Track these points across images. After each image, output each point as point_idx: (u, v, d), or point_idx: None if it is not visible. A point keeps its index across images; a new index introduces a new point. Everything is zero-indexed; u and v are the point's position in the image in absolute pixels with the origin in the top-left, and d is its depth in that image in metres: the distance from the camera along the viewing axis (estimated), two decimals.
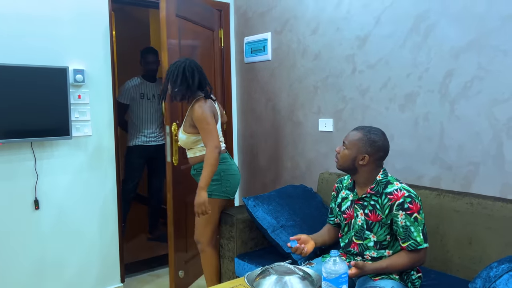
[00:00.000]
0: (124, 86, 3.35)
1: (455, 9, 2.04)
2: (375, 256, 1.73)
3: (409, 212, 1.63)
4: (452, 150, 2.11)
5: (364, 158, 1.70)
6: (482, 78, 1.97)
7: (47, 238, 2.44)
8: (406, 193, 1.66)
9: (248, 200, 2.27)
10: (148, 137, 3.43)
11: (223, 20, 3.32)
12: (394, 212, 1.66)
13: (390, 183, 1.71)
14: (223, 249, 2.39)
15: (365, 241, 1.74)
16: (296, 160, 2.97)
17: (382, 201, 1.70)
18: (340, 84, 2.61)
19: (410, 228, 1.62)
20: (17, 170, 2.32)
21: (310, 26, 2.76)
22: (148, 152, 3.46)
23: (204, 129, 2.19)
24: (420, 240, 1.62)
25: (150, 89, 3.43)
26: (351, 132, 1.76)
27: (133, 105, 3.38)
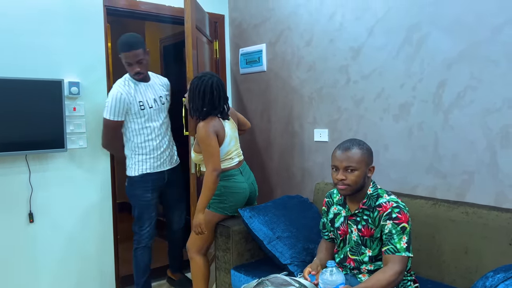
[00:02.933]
0: (115, 96, 2.42)
1: (446, 20, 2.07)
2: (372, 269, 1.73)
3: (397, 221, 1.64)
4: (446, 159, 2.12)
5: (371, 169, 1.73)
6: (474, 88, 1.99)
7: (42, 251, 2.42)
8: (394, 203, 1.67)
9: (244, 211, 2.27)
10: (160, 159, 2.58)
11: (218, 32, 3.35)
12: (382, 223, 1.67)
13: (380, 196, 1.73)
14: (219, 261, 2.38)
15: (361, 256, 1.74)
16: (291, 170, 2.97)
17: (374, 215, 1.70)
18: (334, 94, 2.63)
19: (393, 236, 1.62)
20: (12, 183, 2.30)
21: (304, 37, 2.79)
22: (161, 179, 2.61)
23: (205, 150, 2.18)
24: (400, 248, 1.60)
25: (149, 93, 2.57)
26: (347, 153, 1.69)
27: (131, 120, 2.53)
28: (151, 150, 2.53)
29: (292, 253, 2.12)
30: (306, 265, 2.07)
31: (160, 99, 2.59)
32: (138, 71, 2.42)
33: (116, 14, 2.89)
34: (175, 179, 2.69)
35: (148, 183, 2.54)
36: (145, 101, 2.50)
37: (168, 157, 2.63)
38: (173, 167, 2.68)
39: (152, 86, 2.59)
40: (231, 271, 2.27)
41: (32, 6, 2.34)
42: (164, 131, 2.59)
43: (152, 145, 2.53)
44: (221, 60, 3.38)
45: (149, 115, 2.51)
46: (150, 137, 2.51)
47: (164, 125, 2.60)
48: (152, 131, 2.52)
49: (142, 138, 2.50)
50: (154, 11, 2.99)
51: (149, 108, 2.50)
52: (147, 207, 2.56)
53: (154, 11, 2.99)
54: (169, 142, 2.64)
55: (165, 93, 2.66)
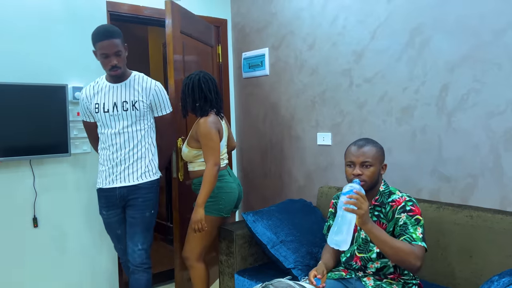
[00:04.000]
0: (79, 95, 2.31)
1: (448, 23, 2.06)
2: (378, 266, 1.73)
3: (411, 213, 1.67)
4: (450, 162, 2.11)
5: (383, 167, 1.79)
6: (478, 91, 1.98)
7: (46, 255, 2.42)
8: (407, 198, 1.73)
9: (247, 215, 2.27)
10: (112, 174, 2.22)
11: (221, 36, 3.36)
12: (396, 216, 1.70)
13: (392, 193, 1.77)
14: (222, 265, 2.38)
15: (369, 254, 1.74)
16: (295, 174, 2.96)
17: (386, 211, 1.74)
18: (337, 98, 2.63)
19: (408, 226, 1.65)
20: (16, 188, 2.31)
21: (306, 41, 2.79)
22: (113, 197, 2.23)
23: (206, 145, 2.19)
24: (415, 237, 1.62)
25: (112, 95, 2.21)
26: (363, 149, 1.74)
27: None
28: (105, 160, 2.22)
29: (296, 257, 2.12)
30: (310, 269, 2.07)
31: (124, 104, 2.16)
32: (115, 64, 2.07)
33: (119, 19, 2.90)
34: (132, 200, 2.22)
35: (102, 200, 2.26)
36: (101, 104, 2.18)
37: (124, 173, 2.19)
38: (132, 185, 2.20)
39: (123, 88, 2.19)
40: (235, 275, 2.26)
41: (36, 12, 2.36)
42: (121, 142, 2.17)
43: (106, 155, 2.21)
44: (224, 64, 3.39)
45: (103, 120, 2.18)
46: (104, 145, 2.22)
47: (124, 135, 2.17)
48: (105, 139, 2.20)
49: (100, 145, 2.25)
50: (156, 16, 3.00)
51: (103, 112, 2.17)
52: (107, 225, 2.32)
53: (156, 16, 3.00)
54: (128, 156, 2.18)
55: (137, 99, 2.18)
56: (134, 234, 2.22)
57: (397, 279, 1.74)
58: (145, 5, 2.95)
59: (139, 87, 2.20)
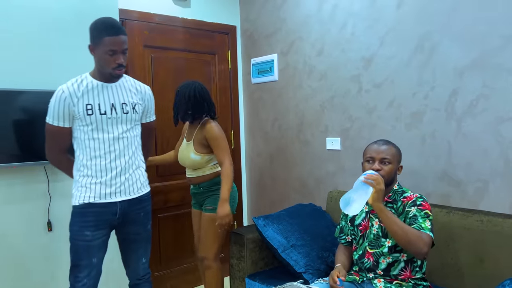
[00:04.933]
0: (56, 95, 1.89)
1: (457, 29, 2.08)
2: (390, 261, 1.76)
3: (421, 207, 1.74)
4: (460, 167, 2.13)
5: (400, 168, 1.87)
6: (487, 96, 2.00)
7: (59, 259, 2.46)
8: (419, 195, 1.79)
9: (258, 220, 2.29)
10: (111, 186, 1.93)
11: (230, 43, 3.40)
12: (406, 209, 1.76)
13: (405, 192, 1.84)
14: (233, 269, 2.40)
15: (380, 248, 1.78)
16: (304, 178, 2.98)
17: (397, 206, 1.80)
18: (346, 103, 2.65)
19: (418, 218, 1.71)
20: (31, 193, 2.36)
21: (315, 47, 2.82)
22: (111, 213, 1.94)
23: (219, 146, 2.33)
24: (424, 227, 1.68)
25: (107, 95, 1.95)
26: (383, 147, 1.84)
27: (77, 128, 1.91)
28: (97, 171, 1.89)
29: (306, 261, 2.14)
30: (321, 273, 2.10)
31: (123, 107, 1.95)
32: (122, 62, 1.87)
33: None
34: (134, 215, 2.00)
35: (89, 217, 1.88)
36: (96, 105, 1.89)
37: (125, 185, 1.95)
38: (134, 198, 1.99)
39: (118, 89, 1.97)
40: (246, 279, 2.29)
41: (49, 20, 2.40)
42: (121, 148, 1.94)
43: (100, 164, 1.90)
44: (233, 70, 3.43)
45: (99, 123, 1.89)
46: (97, 153, 1.89)
47: (123, 141, 1.95)
48: (101, 145, 1.90)
49: (88, 154, 1.89)
50: (168, 23, 3.05)
51: (99, 114, 1.89)
52: (85, 249, 1.87)
53: (168, 23, 3.05)
54: (128, 164, 1.97)
55: (135, 101, 2.01)
56: (138, 249, 2.06)
57: (407, 280, 1.76)
58: (156, 13, 3.00)
59: (134, 89, 2.03)
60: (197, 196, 2.50)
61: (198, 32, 3.21)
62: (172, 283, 3.13)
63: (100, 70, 1.91)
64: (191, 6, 3.17)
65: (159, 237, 3.06)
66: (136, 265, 2.07)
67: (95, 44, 1.86)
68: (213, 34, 3.31)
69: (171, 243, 3.13)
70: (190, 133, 2.48)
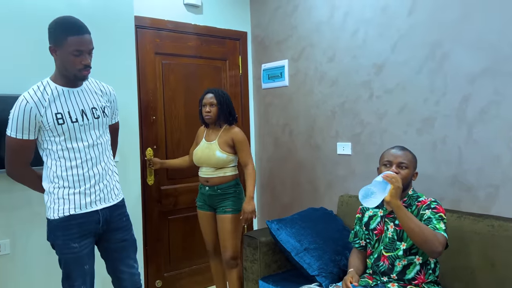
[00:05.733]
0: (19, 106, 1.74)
1: (468, 37, 2.12)
2: (405, 263, 1.80)
3: (435, 210, 1.78)
4: (470, 173, 2.16)
5: (415, 174, 1.92)
6: (498, 103, 2.03)
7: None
8: (433, 199, 1.84)
9: (271, 223, 2.33)
10: (91, 195, 1.85)
11: (241, 48, 3.46)
12: (421, 212, 1.81)
13: (420, 197, 1.88)
14: (246, 271, 2.44)
15: (396, 252, 1.82)
16: (314, 183, 3.02)
17: (412, 209, 1.85)
18: (357, 109, 2.69)
19: (432, 219, 1.76)
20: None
21: (326, 54, 2.86)
22: (94, 222, 1.86)
23: (246, 149, 2.57)
24: (439, 227, 1.72)
25: (75, 102, 1.85)
26: (401, 152, 1.90)
27: (46, 139, 1.80)
28: (75, 181, 1.80)
29: (319, 264, 2.17)
30: (334, 276, 2.13)
31: (94, 112, 1.87)
32: (88, 63, 1.78)
33: None
34: (116, 221, 1.94)
35: (72, 229, 1.80)
36: (66, 113, 1.78)
37: (103, 192, 1.88)
38: (114, 205, 1.93)
39: (85, 93, 1.87)
40: (259, 281, 2.32)
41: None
42: (97, 155, 1.87)
43: (78, 174, 1.81)
44: (244, 75, 3.48)
45: (72, 132, 1.79)
46: (73, 163, 1.80)
47: (97, 147, 1.87)
48: (76, 154, 1.81)
49: (63, 165, 1.79)
50: (180, 30, 3.11)
51: (71, 122, 1.79)
52: (75, 260, 1.81)
53: (180, 29, 3.11)
54: (104, 171, 1.90)
55: (103, 104, 1.93)
56: (127, 257, 1.98)
57: (421, 285, 1.80)
58: (169, 19, 3.06)
59: (100, 91, 1.95)
60: (212, 198, 2.58)
61: (209, 38, 3.27)
62: (181, 283, 3.17)
63: (64, 74, 1.79)
64: (203, 13, 3.22)
65: (168, 239, 3.11)
66: (130, 275, 1.99)
67: (58, 45, 1.73)
68: (224, 40, 3.37)
69: (181, 244, 3.18)
70: (211, 134, 2.62)
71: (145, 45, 2.97)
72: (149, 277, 3.00)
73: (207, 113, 2.57)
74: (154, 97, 3.02)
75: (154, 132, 3.02)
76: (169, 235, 3.12)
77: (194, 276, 3.24)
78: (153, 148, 3.00)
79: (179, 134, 3.14)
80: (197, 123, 3.12)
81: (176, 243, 3.16)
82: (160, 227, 3.05)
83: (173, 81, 3.11)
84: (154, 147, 3.01)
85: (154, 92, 3.03)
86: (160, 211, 3.05)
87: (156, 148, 3.02)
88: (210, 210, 2.65)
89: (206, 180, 2.58)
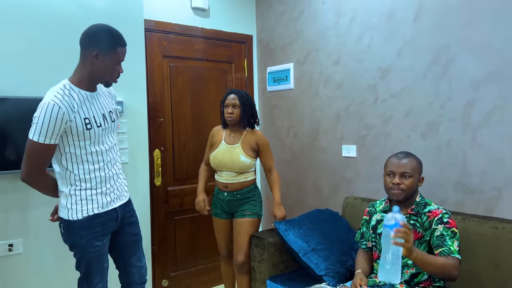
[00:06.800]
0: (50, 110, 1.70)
1: (473, 43, 2.17)
2: (414, 272, 1.83)
3: (448, 225, 1.78)
4: (475, 176, 2.21)
5: (421, 180, 1.91)
6: (503, 108, 2.08)
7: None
8: (444, 210, 1.84)
9: (279, 224, 2.38)
10: (110, 194, 1.94)
11: (246, 51, 3.51)
12: (433, 226, 1.81)
13: (428, 204, 1.88)
14: (254, 272, 2.48)
15: (404, 259, 1.84)
16: (319, 184, 3.07)
17: (422, 220, 1.85)
18: (362, 112, 2.74)
19: (446, 238, 1.75)
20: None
21: (332, 57, 2.91)
22: (114, 220, 1.96)
23: (270, 153, 2.60)
24: (453, 250, 1.73)
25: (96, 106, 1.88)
26: (404, 161, 1.88)
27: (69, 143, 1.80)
28: (98, 183, 1.87)
29: (327, 264, 2.22)
30: (341, 276, 2.18)
31: (110, 115, 1.94)
32: (122, 72, 1.89)
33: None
34: (128, 216, 2.04)
35: (96, 228, 1.86)
36: (92, 118, 1.83)
37: (118, 190, 1.98)
38: (125, 202, 2.03)
39: (101, 97, 1.93)
40: (267, 281, 2.37)
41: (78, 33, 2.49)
42: (114, 156, 1.97)
43: (100, 176, 1.88)
44: (249, 78, 3.53)
45: (97, 136, 1.85)
46: (97, 166, 1.87)
47: (113, 149, 1.97)
48: (99, 157, 1.88)
49: (86, 168, 1.84)
50: (188, 33, 3.15)
51: (97, 127, 1.84)
52: (97, 258, 1.88)
53: (188, 32, 3.15)
54: (119, 171, 2.02)
55: (114, 106, 2.02)
56: (137, 251, 2.08)
57: (428, 287, 1.84)
58: (177, 23, 3.10)
59: (108, 94, 2.02)
60: (231, 204, 2.55)
61: (216, 41, 3.32)
62: (187, 283, 3.22)
63: (94, 79, 1.84)
64: (210, 17, 3.27)
65: (175, 239, 3.15)
66: (138, 268, 2.08)
67: (103, 52, 1.78)
68: (230, 44, 3.41)
69: (187, 244, 3.22)
70: (232, 137, 2.55)
71: (153, 48, 3.01)
72: (155, 276, 3.04)
73: (230, 115, 2.48)
74: (161, 99, 3.06)
75: (161, 134, 3.06)
76: (175, 235, 3.16)
77: (200, 276, 3.28)
78: (160, 149, 3.04)
79: (186, 136, 3.18)
80: (204, 125, 3.18)
81: (182, 243, 3.20)
82: (167, 228, 3.09)
83: (180, 83, 3.16)
84: (161, 149, 3.05)
85: (162, 94, 3.07)
86: (167, 212, 3.09)
87: (163, 149, 3.07)
88: (228, 218, 2.61)
89: (226, 186, 2.53)
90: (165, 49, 3.08)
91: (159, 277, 3.07)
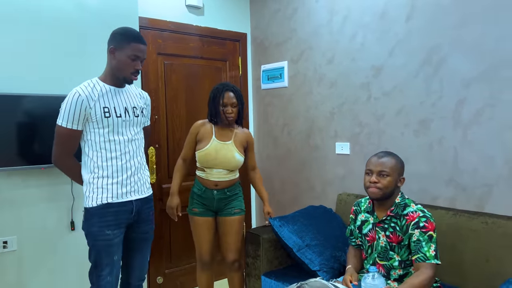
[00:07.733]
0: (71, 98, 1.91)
1: (465, 43, 2.21)
2: (401, 273, 1.86)
3: (424, 230, 1.78)
4: (466, 173, 2.25)
5: (401, 180, 1.88)
6: (493, 106, 2.13)
7: (82, 257, 2.53)
8: (421, 213, 1.82)
9: (274, 221, 2.40)
10: (127, 185, 2.02)
11: (241, 49, 3.52)
12: (410, 231, 1.81)
13: (408, 206, 1.87)
14: (249, 267, 2.51)
15: (390, 261, 1.86)
16: (312, 181, 3.10)
17: (401, 224, 1.84)
18: (356, 110, 2.77)
19: (422, 243, 1.76)
20: (57, 193, 2.45)
21: (325, 56, 2.94)
22: (128, 212, 2.03)
23: (254, 152, 2.66)
24: (429, 255, 1.74)
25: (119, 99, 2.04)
26: (383, 159, 1.87)
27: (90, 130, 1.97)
28: (114, 172, 1.97)
29: (321, 260, 2.25)
30: (334, 271, 2.21)
31: (134, 110, 2.07)
32: (140, 68, 1.99)
33: None
34: (145, 213, 2.11)
35: (109, 217, 1.95)
36: (112, 108, 1.97)
37: (137, 184, 2.06)
38: (145, 198, 2.10)
39: (127, 93, 2.08)
40: (262, 277, 2.39)
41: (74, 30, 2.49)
42: (134, 150, 2.05)
43: (116, 165, 1.98)
44: (243, 76, 3.54)
45: (115, 125, 1.98)
46: (114, 154, 1.97)
47: (135, 142, 2.07)
48: (117, 146, 1.99)
49: (104, 155, 1.96)
50: (182, 31, 3.16)
51: (116, 117, 1.98)
52: (106, 248, 1.94)
53: (182, 30, 3.16)
54: (140, 166, 2.09)
55: (142, 105, 2.14)
56: (145, 248, 2.16)
57: None
58: (171, 20, 3.11)
59: (139, 95, 2.15)
60: (220, 202, 2.46)
61: (210, 39, 3.33)
62: (182, 280, 3.23)
63: (115, 74, 1.99)
64: (204, 14, 3.28)
65: (170, 236, 3.17)
66: (142, 265, 2.17)
67: (118, 47, 1.94)
68: (225, 41, 3.43)
69: (181, 241, 3.24)
70: (223, 134, 2.46)
71: (148, 45, 3.00)
72: (150, 273, 3.05)
73: (230, 115, 2.41)
74: (156, 96, 3.07)
75: (156, 131, 3.07)
76: (170, 233, 3.17)
77: (195, 273, 3.28)
78: (155, 147, 3.05)
79: (180, 133, 3.19)
80: None
81: (177, 241, 3.21)
82: (161, 225, 3.10)
83: (175, 81, 3.16)
84: (156, 146, 3.06)
85: (156, 92, 3.07)
86: (161, 209, 3.10)
87: (158, 147, 3.07)
88: (213, 216, 2.51)
89: (216, 184, 2.43)
90: (159, 46, 3.08)
91: (154, 274, 3.09)
